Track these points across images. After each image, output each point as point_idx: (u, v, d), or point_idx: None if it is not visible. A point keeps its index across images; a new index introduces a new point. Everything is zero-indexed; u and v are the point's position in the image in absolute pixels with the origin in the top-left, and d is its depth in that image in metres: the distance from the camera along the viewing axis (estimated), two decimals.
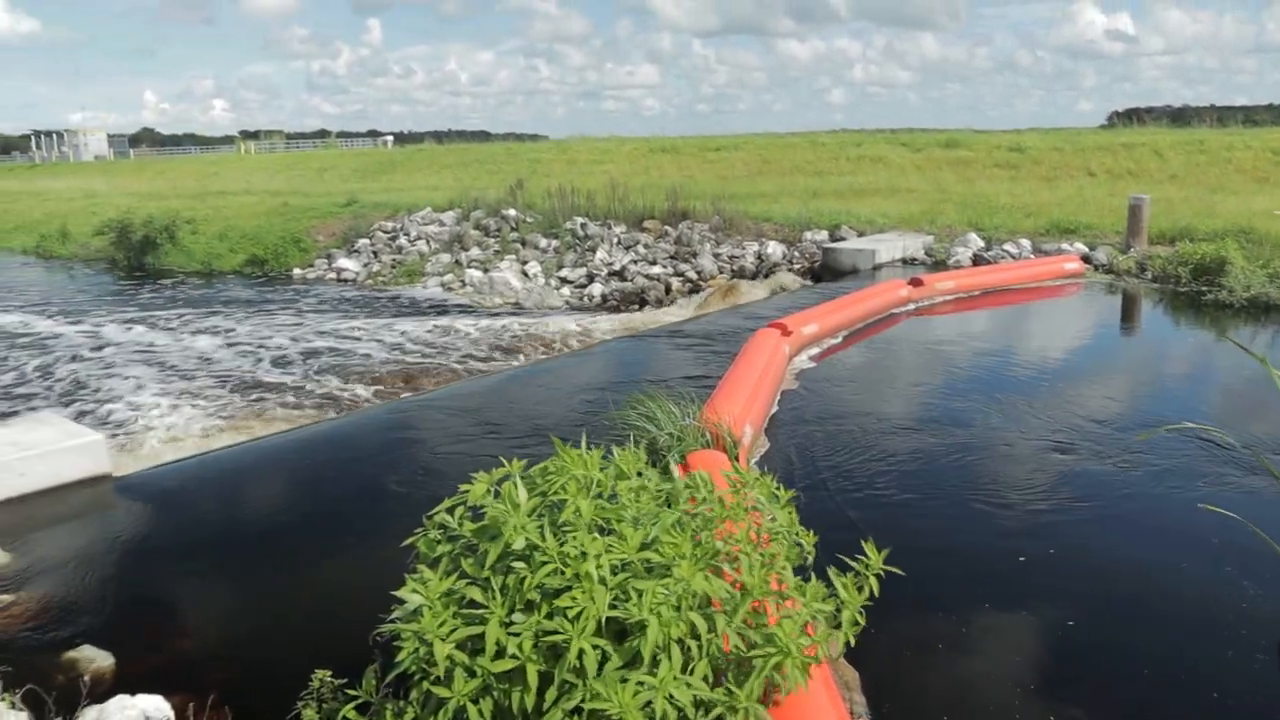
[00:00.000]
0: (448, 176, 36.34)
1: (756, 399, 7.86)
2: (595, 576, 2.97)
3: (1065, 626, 4.83)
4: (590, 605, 2.90)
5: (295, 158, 56.50)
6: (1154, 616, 4.94)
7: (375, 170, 42.37)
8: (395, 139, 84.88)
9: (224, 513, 6.80)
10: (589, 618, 2.88)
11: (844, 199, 23.61)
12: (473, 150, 46.14)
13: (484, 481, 3.36)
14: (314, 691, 3.75)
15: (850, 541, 3.87)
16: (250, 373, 12.77)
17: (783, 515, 3.78)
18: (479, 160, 40.65)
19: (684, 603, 3.03)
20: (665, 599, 2.99)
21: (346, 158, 51.21)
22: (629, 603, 2.96)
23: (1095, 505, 6.32)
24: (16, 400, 12.35)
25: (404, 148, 59.94)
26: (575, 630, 2.84)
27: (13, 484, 6.63)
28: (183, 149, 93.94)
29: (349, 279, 21.29)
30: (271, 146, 77.50)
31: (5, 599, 5.23)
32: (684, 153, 37.65)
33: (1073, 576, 5.35)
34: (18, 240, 33.10)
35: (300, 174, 43.90)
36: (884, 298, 13.06)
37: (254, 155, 66.51)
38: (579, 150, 40.76)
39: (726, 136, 42.75)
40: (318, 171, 44.02)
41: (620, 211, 21.17)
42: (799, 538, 3.73)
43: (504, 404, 9.38)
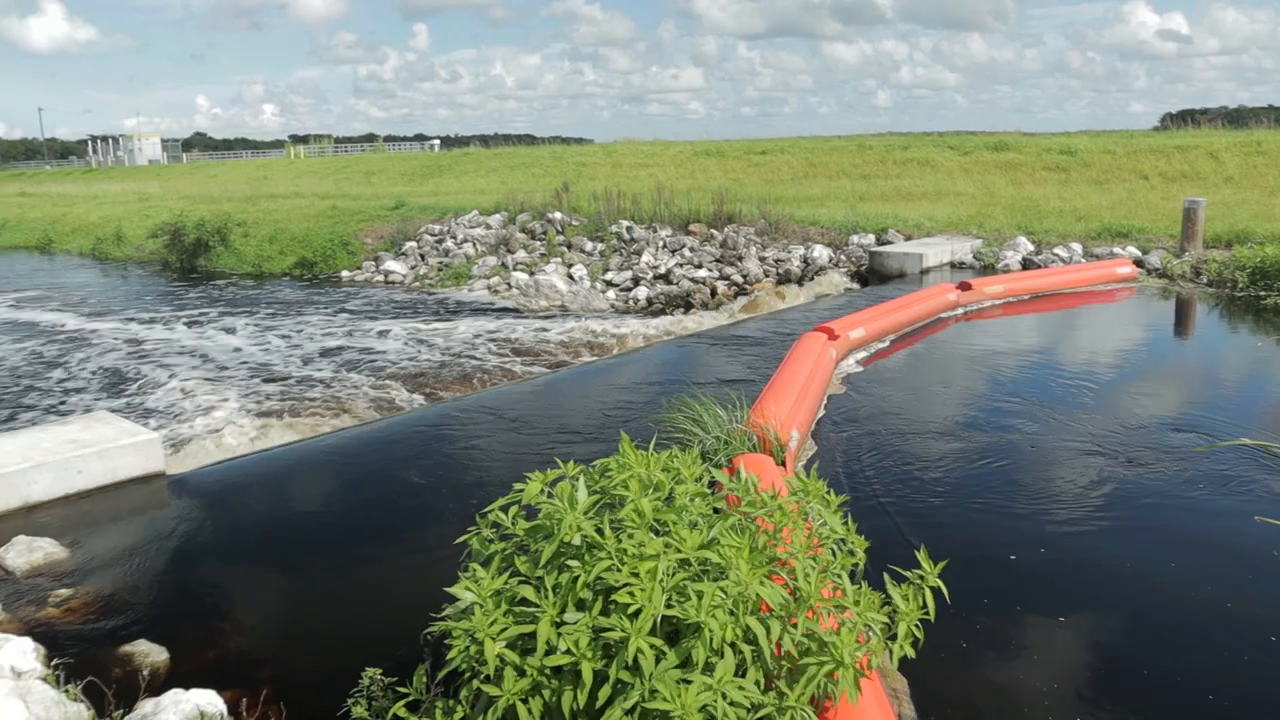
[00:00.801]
0: (494, 180, 36.57)
1: (803, 403, 7.82)
2: (657, 573, 2.96)
3: (1115, 637, 4.76)
4: (649, 603, 2.90)
5: (343, 161, 57.15)
6: (1207, 631, 4.84)
7: (422, 174, 42.73)
8: (442, 143, 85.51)
9: (274, 511, 6.86)
10: (647, 615, 2.87)
11: (891, 202, 23.45)
12: (519, 154, 46.36)
13: (538, 481, 3.38)
14: (364, 689, 3.79)
15: (897, 546, 3.85)
16: (299, 373, 12.92)
17: (835, 521, 3.76)
18: (525, 164, 40.85)
19: (740, 606, 3.02)
20: (722, 602, 2.98)
21: (394, 161, 51.69)
22: (686, 603, 2.95)
23: (1146, 516, 6.21)
24: (71, 394, 12.60)
25: (450, 151, 60.33)
26: (633, 628, 2.84)
27: (71, 481, 6.76)
28: (234, 153, 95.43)
29: (396, 281, 21.48)
30: (320, 150, 78.34)
31: (64, 593, 5.32)
32: (729, 156, 37.58)
33: (1123, 587, 5.27)
34: (75, 243, 33.81)
35: (348, 177, 44.40)
36: (932, 302, 12.94)
37: (303, 159, 67.32)
38: (624, 154, 40.81)
39: (772, 140, 42.59)
40: (365, 175, 44.49)
41: (666, 215, 21.17)
42: (852, 545, 3.70)
43: (550, 407, 9.41)
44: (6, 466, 6.53)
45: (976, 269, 16.95)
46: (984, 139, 35.20)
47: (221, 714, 3.93)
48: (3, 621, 4.97)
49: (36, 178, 70.70)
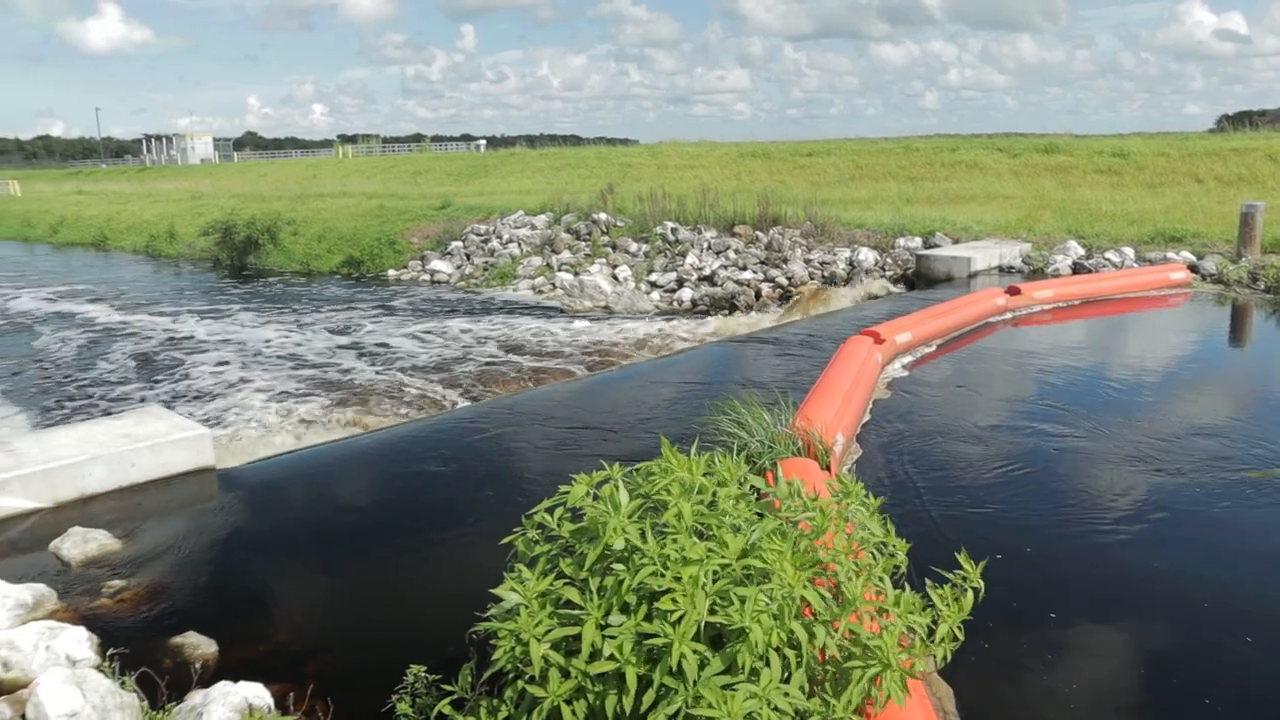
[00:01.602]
0: (540, 180, 36.73)
1: (849, 407, 7.77)
2: (699, 580, 2.96)
3: (1162, 649, 4.69)
4: (691, 609, 2.90)
5: (391, 161, 57.69)
6: (1259, 644, 4.75)
7: (468, 174, 43.02)
8: (488, 143, 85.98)
9: (321, 507, 6.94)
10: (690, 621, 2.87)
11: (938, 205, 23.25)
12: (564, 154, 46.52)
13: (583, 484, 3.39)
14: (409, 686, 3.82)
15: (942, 550, 3.81)
16: (345, 370, 13.06)
17: (876, 525, 3.74)
18: (570, 164, 41.00)
19: (784, 611, 3.01)
20: (766, 607, 2.97)
21: (440, 161, 52.08)
22: (729, 608, 2.95)
23: (1195, 526, 6.11)
24: (123, 387, 12.82)
25: (497, 152, 60.69)
26: (676, 634, 2.84)
27: (124, 474, 6.88)
28: (284, 152, 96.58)
29: (442, 280, 21.65)
30: (368, 150, 79.05)
31: (117, 584, 5.42)
32: (775, 158, 37.46)
33: (1170, 598, 5.18)
34: (129, 240, 34.44)
35: (396, 177, 44.81)
36: (979, 306, 12.81)
37: (351, 158, 68.05)
38: (670, 155, 40.82)
39: (818, 141, 42.37)
40: (412, 175, 44.88)
41: (711, 216, 21.14)
42: (894, 548, 3.68)
43: (594, 408, 9.43)
44: (63, 459, 6.66)
45: (1025, 273, 16.74)
46: (1034, 141, 34.78)
47: (269, 707, 3.98)
48: (58, 610, 5.07)
49: (93, 176, 72.12)
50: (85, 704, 3.64)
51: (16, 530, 6.22)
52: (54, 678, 3.74)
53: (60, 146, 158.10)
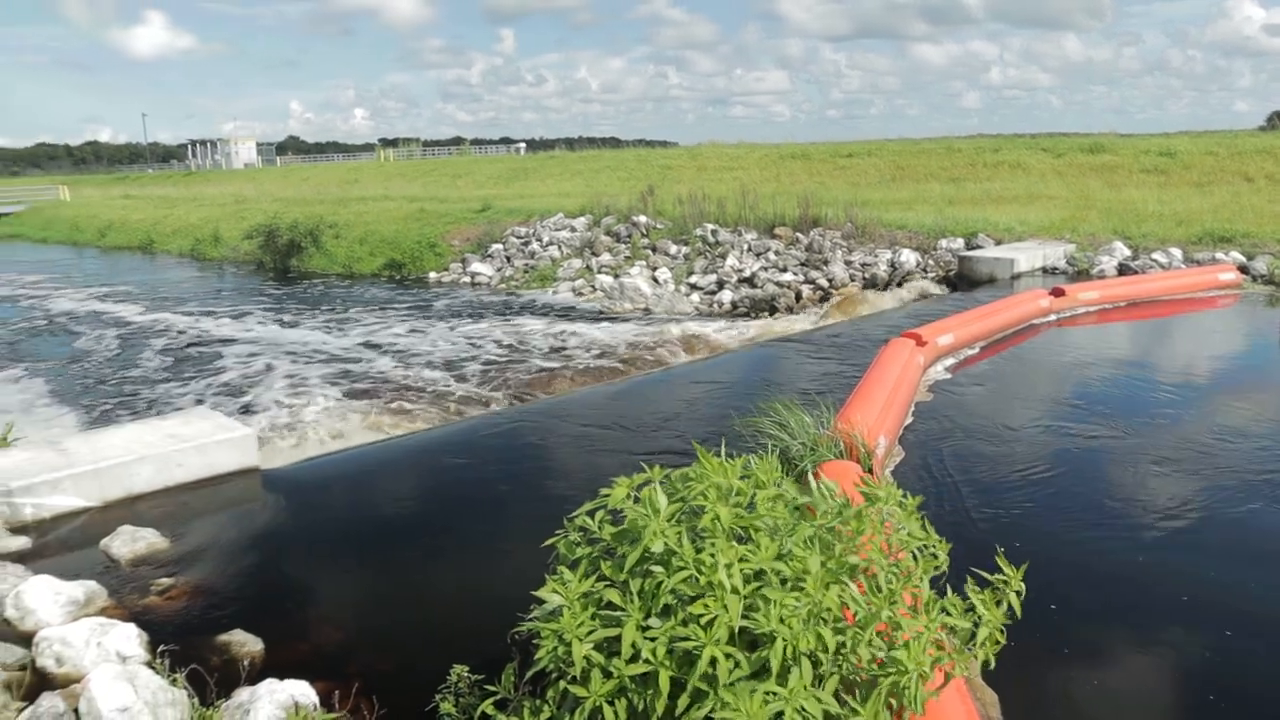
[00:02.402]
0: (579, 183, 36.83)
1: (890, 409, 7.73)
2: (728, 585, 2.96)
3: (1213, 658, 4.61)
4: (723, 613, 2.90)
5: (431, 164, 58.10)
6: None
7: (508, 177, 43.24)
8: (528, 146, 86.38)
9: (363, 507, 7.00)
10: (721, 626, 2.88)
11: (981, 206, 23.04)
12: (603, 157, 46.62)
13: (624, 486, 3.40)
14: (452, 685, 3.84)
15: (987, 556, 3.77)
16: (389, 371, 13.16)
17: (915, 526, 3.71)
18: (610, 167, 41.08)
19: (814, 615, 3.00)
20: (795, 611, 2.96)
21: (480, 164, 52.42)
22: (759, 613, 2.95)
23: (1244, 535, 6.00)
24: (171, 384, 13.01)
25: (536, 154, 60.97)
26: (708, 638, 2.85)
27: (171, 474, 6.98)
28: (325, 156, 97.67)
29: (482, 283, 21.76)
30: (409, 154, 79.71)
31: (165, 582, 5.50)
32: (815, 159, 37.33)
33: (1220, 607, 5.10)
34: (175, 243, 34.95)
35: (436, 180, 45.13)
36: (1023, 308, 12.69)
37: (392, 162, 68.63)
38: (709, 157, 40.79)
39: (858, 142, 42.15)
40: (453, 178, 45.18)
41: (751, 218, 21.09)
42: (934, 548, 3.65)
43: (634, 410, 9.44)
44: (112, 459, 6.77)
45: (1070, 274, 16.54)
46: (1078, 141, 34.38)
47: (314, 704, 4.02)
48: (108, 607, 5.15)
49: (139, 181, 73.31)
50: (137, 699, 3.70)
51: (67, 528, 6.33)
52: (105, 673, 3.81)
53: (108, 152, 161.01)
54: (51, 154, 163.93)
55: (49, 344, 17.93)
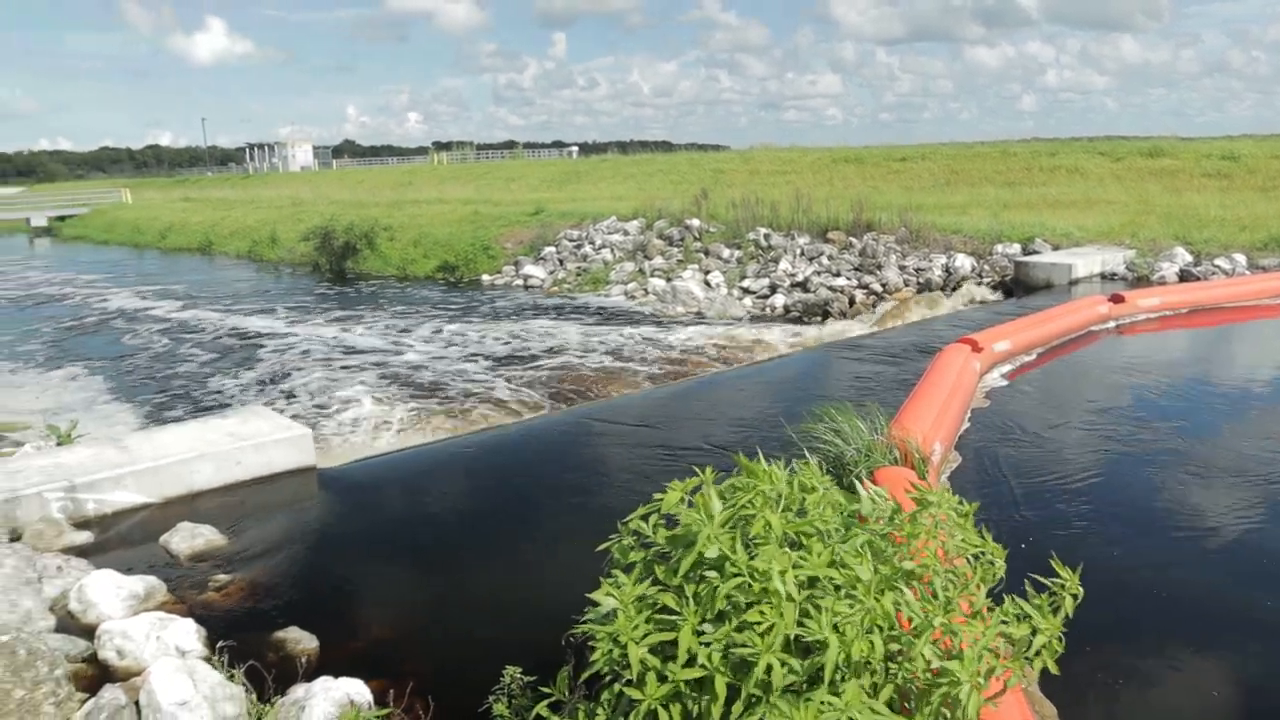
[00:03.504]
0: (631, 186, 36.87)
1: (946, 416, 7.64)
2: (783, 592, 2.93)
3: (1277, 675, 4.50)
4: (779, 620, 2.87)
5: (484, 168, 58.48)
6: None
7: (561, 180, 43.39)
8: (580, 149, 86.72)
9: (417, 508, 7.05)
10: (777, 633, 2.85)
11: (1037, 211, 22.70)
12: (656, 160, 46.64)
13: (677, 490, 3.38)
14: (504, 686, 3.85)
15: (1044, 566, 3.70)
16: (442, 373, 13.27)
17: (971, 532, 3.65)
18: (662, 170, 41.08)
19: (867, 622, 2.96)
20: (848, 618, 2.93)
21: (533, 168, 52.66)
22: (812, 620, 2.91)
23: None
24: (227, 382, 13.22)
25: (588, 158, 61.15)
26: (763, 645, 2.82)
27: (230, 472, 7.08)
28: (380, 159, 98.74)
29: (535, 285, 21.87)
30: (462, 157, 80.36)
31: (222, 579, 5.58)
32: (868, 163, 37.04)
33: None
34: (233, 245, 35.53)
35: (489, 183, 45.41)
36: (1081, 314, 12.48)
37: (446, 165, 69.15)
38: (761, 160, 40.64)
39: (912, 146, 41.76)
40: (506, 181, 45.43)
41: (804, 222, 20.98)
42: (991, 555, 3.58)
43: (687, 414, 9.42)
44: (172, 456, 6.89)
45: (1129, 281, 16.24)
46: (1137, 144, 33.75)
47: (369, 703, 4.05)
48: (167, 602, 5.24)
49: (199, 184, 74.62)
50: (196, 694, 3.75)
51: (128, 524, 6.45)
52: (165, 667, 3.86)
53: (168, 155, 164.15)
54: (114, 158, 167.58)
55: (109, 342, 18.32)
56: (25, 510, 6.18)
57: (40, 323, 21.30)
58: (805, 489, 3.48)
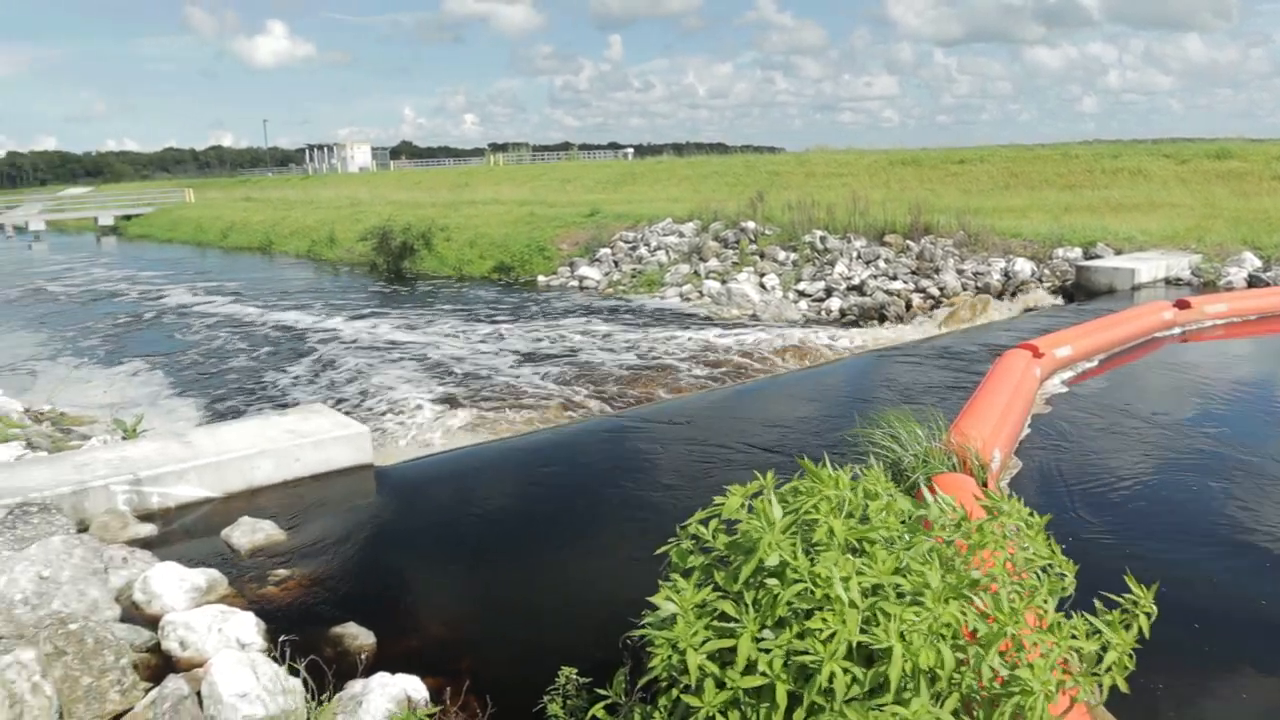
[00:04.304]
0: (686, 188, 36.81)
1: (1006, 422, 7.52)
2: (845, 600, 2.90)
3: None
4: (842, 628, 2.84)
5: (540, 169, 58.73)
6: None
7: (616, 181, 43.43)
8: (635, 151, 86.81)
9: (473, 507, 7.08)
10: (840, 640, 2.82)
11: (1099, 214, 22.31)
12: (711, 162, 46.50)
13: (737, 495, 3.35)
14: (560, 687, 3.85)
15: (1105, 574, 3.62)
16: (497, 374, 13.34)
17: (1041, 544, 3.58)
18: (717, 172, 40.96)
19: (934, 631, 2.92)
20: (915, 626, 2.89)
21: (588, 169, 52.77)
22: (878, 628, 2.88)
23: None
24: (284, 377, 13.40)
25: (644, 160, 61.15)
26: (826, 652, 2.79)
27: (290, 468, 7.18)
28: (437, 160, 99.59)
29: (590, 287, 21.91)
30: (518, 158, 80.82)
31: (281, 573, 5.64)
32: (926, 165, 36.60)
33: None
34: (293, 245, 36.04)
35: (545, 185, 45.58)
36: (1145, 320, 12.24)
37: (502, 166, 69.60)
38: (817, 162, 40.35)
39: (970, 148, 41.12)
40: (561, 182, 45.57)
41: (860, 225, 20.81)
42: (1061, 568, 3.52)
43: (742, 417, 9.38)
44: (234, 452, 6.99)
45: (1195, 286, 15.90)
46: (1203, 146, 32.97)
47: (425, 700, 4.07)
48: (228, 595, 5.31)
49: (259, 184, 75.80)
50: (257, 685, 3.80)
51: (191, 517, 6.56)
52: (227, 659, 3.92)
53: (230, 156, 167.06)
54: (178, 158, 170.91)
55: (171, 337, 18.67)
56: (92, 502, 6.31)
57: (105, 318, 21.79)
58: (869, 495, 3.44)
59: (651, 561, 3.57)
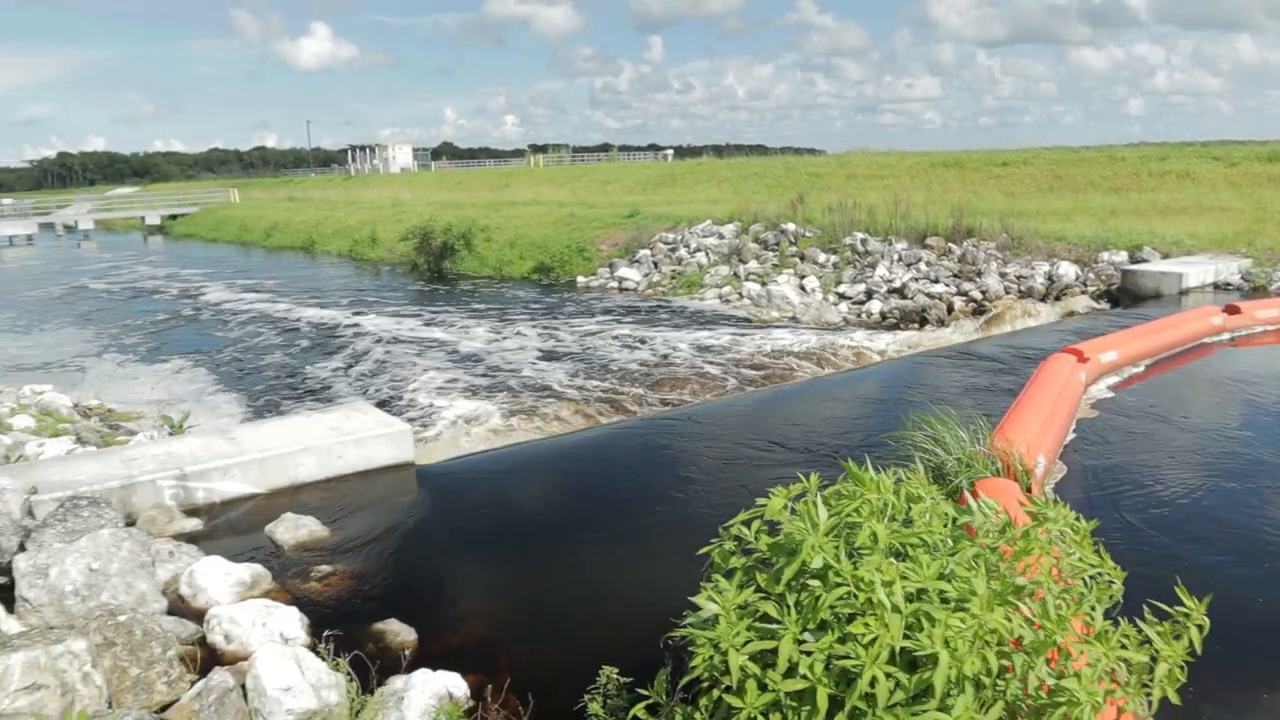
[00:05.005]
0: (726, 190, 36.73)
1: (1050, 427, 7.44)
2: (888, 604, 2.88)
3: None
4: (884, 632, 2.82)
5: (580, 170, 58.83)
6: None
7: (656, 183, 43.42)
8: (675, 152, 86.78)
9: (514, 506, 7.10)
10: (882, 645, 2.79)
11: (1145, 217, 22.00)
12: (751, 164, 46.35)
13: (781, 497, 3.34)
14: (600, 686, 3.85)
15: (1153, 586, 3.57)
16: (536, 374, 13.38)
17: (1089, 551, 3.53)
18: (757, 174, 40.82)
19: (980, 638, 2.89)
20: (960, 632, 2.86)
21: (628, 170, 52.77)
22: (922, 633, 2.85)
23: None
24: (330, 377, 13.52)
25: (683, 161, 61.05)
26: (868, 657, 2.77)
27: (332, 465, 7.24)
28: (477, 161, 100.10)
29: (629, 288, 21.93)
30: (558, 159, 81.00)
31: (324, 569, 5.70)
32: (968, 167, 36.24)
33: None
34: (335, 244, 36.38)
35: (585, 186, 45.66)
36: (1193, 325, 12.05)
37: (542, 167, 69.77)
38: (858, 164, 40.10)
39: (1014, 150, 40.68)
40: (601, 184, 45.63)
41: (902, 227, 20.67)
42: (1109, 575, 3.47)
43: (782, 419, 9.34)
44: (277, 449, 7.07)
45: (1245, 291, 15.62)
46: (1254, 149, 32.39)
47: (465, 696, 4.09)
48: (272, 590, 5.37)
49: (303, 184, 76.53)
50: (301, 680, 3.84)
51: (236, 513, 6.64)
52: (272, 653, 3.96)
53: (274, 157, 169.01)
54: (223, 158, 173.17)
55: (216, 335, 18.91)
56: (140, 496, 6.40)
57: (150, 315, 22.12)
58: (912, 499, 3.41)
59: (691, 563, 3.57)
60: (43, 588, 4.63)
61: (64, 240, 55.64)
